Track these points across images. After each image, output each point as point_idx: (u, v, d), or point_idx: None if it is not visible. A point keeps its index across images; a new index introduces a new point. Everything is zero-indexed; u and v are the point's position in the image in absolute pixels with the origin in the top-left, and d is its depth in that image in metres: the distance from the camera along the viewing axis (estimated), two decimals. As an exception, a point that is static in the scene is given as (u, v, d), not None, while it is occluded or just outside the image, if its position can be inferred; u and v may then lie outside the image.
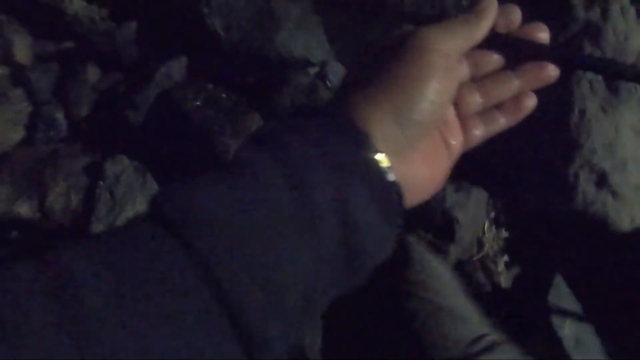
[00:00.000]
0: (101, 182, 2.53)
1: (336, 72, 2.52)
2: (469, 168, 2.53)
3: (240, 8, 2.55)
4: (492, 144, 2.97)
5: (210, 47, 2.55)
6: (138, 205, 2.65)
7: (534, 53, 0.72)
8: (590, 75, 2.37)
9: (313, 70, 2.51)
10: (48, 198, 2.64)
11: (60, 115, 2.60)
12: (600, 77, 2.36)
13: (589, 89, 2.35)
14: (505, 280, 2.36)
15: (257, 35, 2.52)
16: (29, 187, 2.65)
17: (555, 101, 2.46)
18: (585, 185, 2.40)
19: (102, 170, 2.50)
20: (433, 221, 2.59)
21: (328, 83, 2.50)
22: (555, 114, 2.50)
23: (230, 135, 2.62)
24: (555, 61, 0.78)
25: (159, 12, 2.61)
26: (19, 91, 2.61)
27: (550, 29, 0.86)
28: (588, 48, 2.35)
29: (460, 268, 2.39)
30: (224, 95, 2.57)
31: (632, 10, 2.38)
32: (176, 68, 2.55)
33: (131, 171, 2.54)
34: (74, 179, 2.63)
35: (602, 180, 2.38)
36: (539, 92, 0.80)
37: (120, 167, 2.54)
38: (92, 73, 2.59)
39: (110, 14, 2.61)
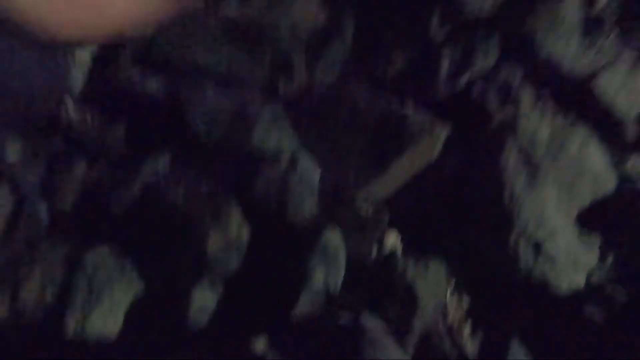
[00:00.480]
0: (79, 272, 1.65)
1: (306, 162, 1.89)
2: (427, 239, 2.05)
3: (222, 111, 1.89)
4: (444, 219, 2.10)
5: (193, 144, 1.85)
6: (116, 295, 1.73)
7: None
8: (514, 155, 1.99)
9: (285, 163, 1.87)
10: (21, 293, 1.67)
11: (43, 208, 1.76)
12: (522, 156, 1.84)
13: (515, 168, 1.81)
14: (471, 346, 1.65)
15: (236, 134, 1.85)
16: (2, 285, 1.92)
17: (489, 182, 2.09)
18: (525, 255, 1.85)
19: (81, 260, 1.64)
20: (395, 296, 1.81)
21: (298, 171, 1.83)
22: (490, 194, 2.08)
23: (210, 223, 1.97)
24: None
25: (147, 114, 1.91)
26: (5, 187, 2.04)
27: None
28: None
29: (427, 340, 1.91)
30: (205, 187, 2.06)
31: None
32: (161, 163, 1.83)
33: (111, 261, 1.70)
34: (51, 270, 1.77)
35: (538, 249, 1.87)
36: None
37: (100, 256, 1.69)
38: (79, 167, 1.79)
39: (101, 115, 1.87)
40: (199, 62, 2.28)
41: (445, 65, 2.31)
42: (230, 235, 1.97)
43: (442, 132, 2.20)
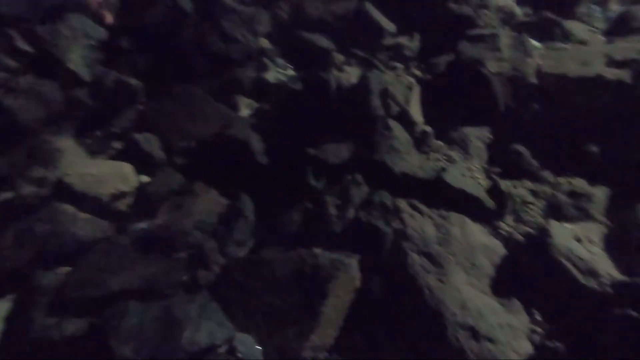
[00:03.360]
0: None
1: (244, 342, 1.48)
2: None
3: (147, 327, 1.44)
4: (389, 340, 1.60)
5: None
6: None
7: None
8: (415, 256, 1.62)
9: (223, 349, 1.37)
10: None
11: None
12: (423, 255, 1.61)
13: (422, 269, 1.57)
14: None
15: (165, 346, 1.40)
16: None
17: (408, 291, 1.78)
18: (467, 343, 1.46)
19: None
20: None
21: (239, 355, 1.39)
22: (413, 300, 1.78)
23: None
24: None
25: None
26: None
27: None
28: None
29: None
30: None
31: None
32: None
33: None
34: None
35: (474, 333, 1.48)
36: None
37: None
38: None
39: None
40: (115, 288, 1.84)
41: (331, 207, 2.14)
42: None
43: (353, 262, 1.93)
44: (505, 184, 2.09)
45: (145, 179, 2.35)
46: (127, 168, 2.31)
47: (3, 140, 2.47)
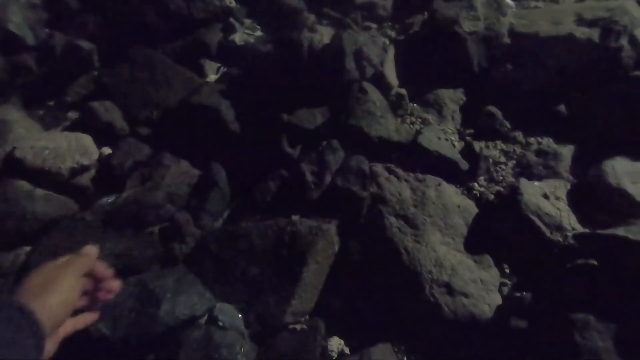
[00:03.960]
0: None
1: (225, 312, 1.47)
2: (366, 331, 1.49)
3: (122, 304, 1.40)
4: (368, 302, 1.62)
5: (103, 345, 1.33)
6: None
7: None
8: (392, 219, 1.64)
9: (203, 320, 1.36)
10: None
11: None
12: (400, 217, 1.62)
13: (399, 231, 1.59)
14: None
15: (143, 320, 1.35)
16: None
17: (386, 252, 1.81)
18: (443, 299, 1.51)
19: None
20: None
21: (220, 324, 1.38)
22: (391, 260, 1.80)
23: None
24: None
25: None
26: None
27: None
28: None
29: None
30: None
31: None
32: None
33: None
34: None
35: (449, 288, 1.54)
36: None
37: None
38: None
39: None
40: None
41: (308, 174, 2.11)
42: None
43: (331, 227, 1.94)
44: (478, 145, 2.12)
45: (107, 150, 2.21)
46: (86, 140, 2.16)
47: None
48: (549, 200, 1.89)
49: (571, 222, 1.83)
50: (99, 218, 1.94)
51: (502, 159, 2.10)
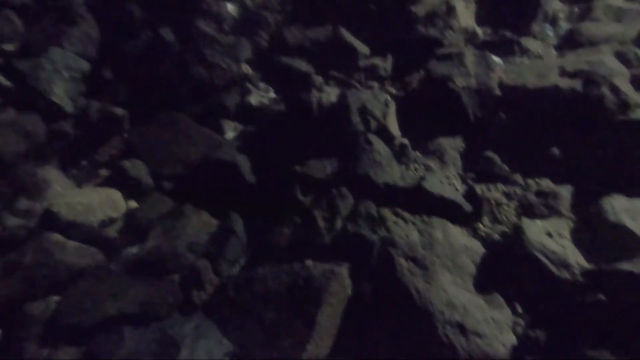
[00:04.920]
0: None
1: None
2: None
3: (143, 350, 1.49)
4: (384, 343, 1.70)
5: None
6: None
7: None
8: (402, 261, 1.76)
9: None
10: None
11: None
12: (410, 258, 1.74)
13: (409, 272, 1.70)
14: None
15: None
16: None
17: (398, 293, 1.87)
18: (457, 339, 1.58)
19: None
20: None
21: None
22: (403, 301, 1.87)
23: None
24: None
25: None
26: None
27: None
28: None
29: None
30: None
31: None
32: None
33: None
34: None
35: (463, 329, 1.61)
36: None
37: None
38: None
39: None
40: (109, 314, 1.87)
41: (320, 220, 2.25)
42: None
43: (344, 270, 2.02)
44: (480, 188, 2.26)
45: (134, 204, 2.41)
46: (115, 195, 2.37)
47: (-14, 174, 2.49)
48: (552, 238, 1.98)
49: (577, 259, 1.90)
50: (124, 268, 2.08)
51: (504, 200, 2.23)
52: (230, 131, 2.71)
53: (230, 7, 3.31)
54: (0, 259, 2.02)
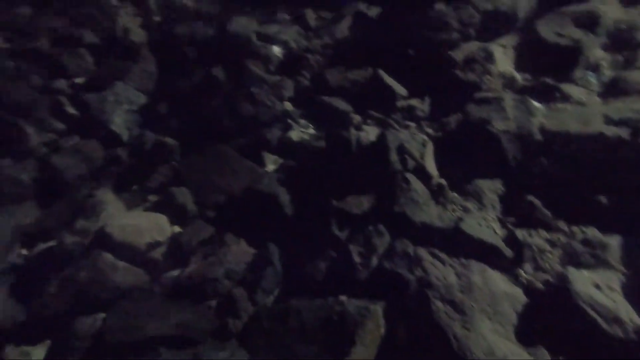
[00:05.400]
0: None
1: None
2: None
3: None
4: None
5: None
6: None
7: None
8: (439, 303, 1.73)
9: None
10: None
11: None
12: (447, 301, 1.72)
13: (447, 316, 1.68)
14: None
15: None
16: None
17: (434, 337, 1.84)
18: None
19: None
20: None
21: None
22: (440, 346, 1.83)
23: None
24: None
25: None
26: None
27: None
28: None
29: None
30: None
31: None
32: None
33: None
34: None
35: None
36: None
37: None
38: None
39: None
40: (149, 335, 1.94)
41: (356, 255, 2.28)
42: None
43: (378, 309, 2.02)
44: (521, 233, 2.22)
45: (178, 229, 2.55)
46: (162, 219, 2.53)
47: (50, 195, 2.74)
48: (601, 290, 1.90)
49: (630, 315, 1.80)
50: (165, 290, 2.18)
51: (547, 247, 2.17)
52: (271, 164, 2.85)
53: (277, 50, 3.58)
54: (57, 274, 2.17)
